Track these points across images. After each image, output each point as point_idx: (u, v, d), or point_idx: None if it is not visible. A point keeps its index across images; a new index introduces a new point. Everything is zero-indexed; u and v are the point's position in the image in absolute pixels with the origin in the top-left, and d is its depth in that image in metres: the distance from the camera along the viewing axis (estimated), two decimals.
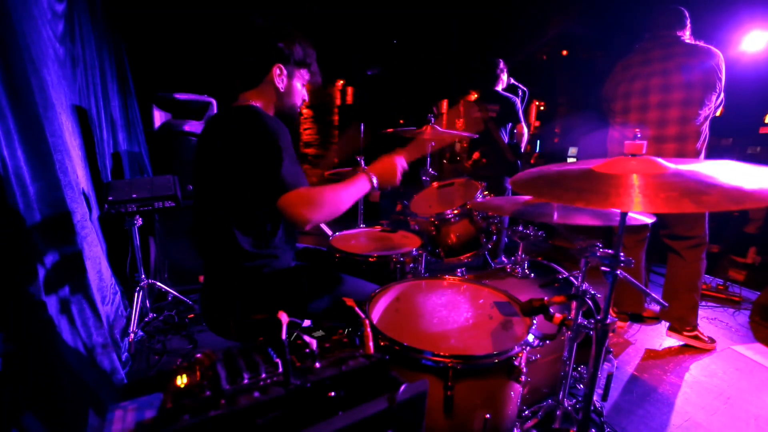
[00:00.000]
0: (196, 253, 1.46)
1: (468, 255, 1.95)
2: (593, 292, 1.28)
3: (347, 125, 7.04)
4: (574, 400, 1.53)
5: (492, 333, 1.37)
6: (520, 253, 1.88)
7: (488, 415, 1.08)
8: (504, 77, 3.42)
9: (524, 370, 1.11)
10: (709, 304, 2.93)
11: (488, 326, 1.40)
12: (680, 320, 2.37)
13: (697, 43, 2.17)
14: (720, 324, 2.67)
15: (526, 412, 1.50)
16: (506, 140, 3.38)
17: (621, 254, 1.07)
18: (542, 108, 7.58)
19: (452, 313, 1.46)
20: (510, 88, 3.51)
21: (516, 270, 1.86)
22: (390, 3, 5.13)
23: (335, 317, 1.46)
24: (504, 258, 3.00)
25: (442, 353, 1.06)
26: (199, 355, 0.72)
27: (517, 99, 3.35)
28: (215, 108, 3.23)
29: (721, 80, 2.10)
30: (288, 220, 1.22)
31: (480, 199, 1.93)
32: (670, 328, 2.43)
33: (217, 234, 1.32)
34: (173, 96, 3.06)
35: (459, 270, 1.69)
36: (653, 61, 2.22)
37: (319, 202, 1.21)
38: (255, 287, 1.36)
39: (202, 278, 1.46)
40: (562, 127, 6.69)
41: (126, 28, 3.21)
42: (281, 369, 0.71)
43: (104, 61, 2.78)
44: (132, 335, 2.16)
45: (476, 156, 3.47)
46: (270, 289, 1.37)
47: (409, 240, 2.06)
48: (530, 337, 1.16)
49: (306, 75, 1.47)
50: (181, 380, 0.66)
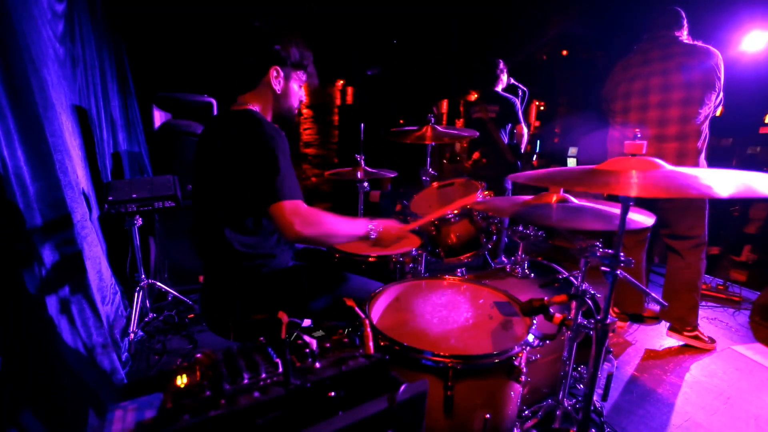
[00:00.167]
0: (196, 254, 1.46)
1: (468, 255, 1.94)
2: (593, 292, 1.28)
3: (347, 125, 7.04)
4: (574, 400, 1.53)
5: (492, 333, 1.37)
6: (520, 253, 1.88)
7: (488, 415, 1.08)
8: (504, 77, 3.42)
9: (524, 370, 1.11)
10: (709, 304, 2.92)
11: (488, 326, 1.40)
12: (680, 320, 2.37)
13: (696, 43, 2.18)
14: (720, 324, 2.67)
15: (526, 412, 1.50)
16: (506, 141, 3.38)
17: (621, 254, 1.07)
18: (542, 108, 7.58)
19: (452, 313, 1.46)
20: (510, 89, 3.51)
21: (516, 270, 1.86)
22: (390, 3, 5.13)
23: (335, 317, 1.46)
24: (504, 258, 3.00)
25: (442, 353, 1.06)
26: (199, 355, 0.72)
27: (517, 99, 3.35)
28: (215, 108, 3.23)
29: (720, 80, 2.11)
30: (278, 229, 1.22)
31: (480, 200, 1.92)
32: (671, 328, 2.43)
33: (216, 234, 1.32)
34: (173, 96, 3.06)
35: (459, 270, 1.69)
36: (653, 61, 2.23)
37: (315, 222, 1.22)
38: (254, 287, 1.36)
39: (202, 278, 1.46)
40: (562, 127, 6.69)
41: (126, 28, 3.21)
42: (281, 369, 0.71)
43: (104, 61, 2.78)
44: (132, 335, 2.16)
45: (476, 156, 3.47)
46: (269, 289, 1.37)
47: (409, 240, 2.06)
48: (530, 337, 1.16)
49: (303, 77, 1.48)
50: (181, 380, 0.66)
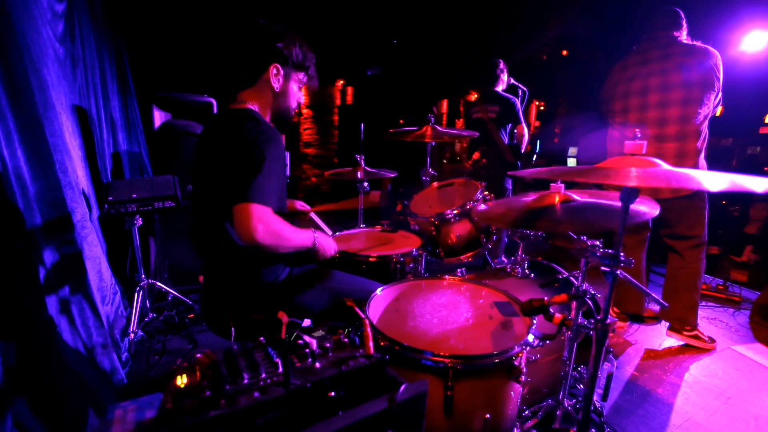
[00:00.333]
0: (196, 253, 1.46)
1: (468, 255, 1.95)
2: (593, 292, 1.28)
3: (347, 125, 7.04)
4: (574, 400, 1.53)
5: (492, 333, 1.37)
6: (520, 253, 1.88)
7: (488, 415, 1.08)
8: (504, 77, 3.42)
9: (524, 370, 1.11)
10: (709, 304, 2.93)
11: (488, 326, 1.40)
12: (680, 320, 2.37)
13: (695, 43, 2.18)
14: (720, 324, 2.67)
15: (526, 412, 1.50)
16: (506, 141, 3.38)
17: (621, 254, 1.07)
18: (542, 108, 7.58)
19: (452, 313, 1.46)
20: (510, 88, 3.51)
21: (516, 270, 1.86)
22: (390, 3, 5.13)
23: (335, 317, 1.46)
24: (504, 258, 3.00)
25: (442, 353, 1.06)
26: (199, 355, 0.72)
27: (517, 99, 3.35)
28: (215, 108, 3.23)
29: (720, 80, 2.11)
30: (236, 229, 1.14)
31: (480, 199, 1.92)
32: (670, 328, 2.43)
33: (216, 234, 1.32)
34: (173, 96, 3.06)
35: (459, 270, 1.69)
36: (652, 61, 2.23)
37: (275, 232, 1.17)
38: (253, 287, 1.36)
39: (202, 278, 1.46)
40: (562, 127, 6.69)
41: (126, 28, 3.21)
42: (281, 369, 0.71)
43: (104, 61, 2.78)
44: (132, 335, 2.16)
45: (476, 156, 3.47)
46: (268, 289, 1.37)
47: (409, 240, 2.06)
48: (530, 337, 1.16)
49: (303, 78, 1.48)
50: (181, 380, 0.66)
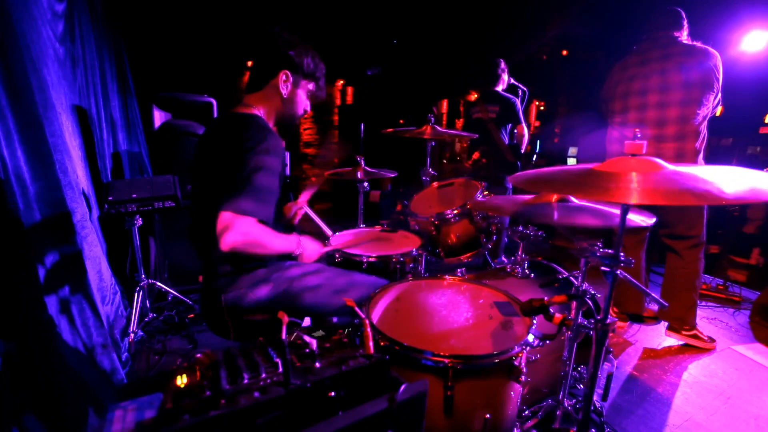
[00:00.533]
0: (196, 253, 1.46)
1: (468, 255, 1.95)
2: (593, 292, 1.28)
3: (347, 125, 7.04)
4: (574, 400, 1.53)
5: (492, 333, 1.37)
6: (520, 253, 1.88)
7: (488, 415, 1.08)
8: (504, 77, 3.42)
9: (524, 370, 1.11)
10: (709, 304, 2.92)
11: (488, 326, 1.40)
12: (679, 320, 2.37)
13: (695, 44, 2.18)
14: (720, 324, 2.67)
15: (526, 412, 1.50)
16: (506, 141, 3.38)
17: (621, 254, 1.07)
18: (542, 108, 7.58)
19: (452, 313, 1.46)
20: (510, 88, 3.51)
21: (516, 270, 1.86)
22: (390, 3, 5.13)
23: (335, 314, 1.47)
24: (504, 258, 3.00)
25: (442, 353, 1.06)
26: (199, 355, 0.72)
27: (518, 99, 3.35)
28: (215, 108, 3.23)
29: (719, 80, 2.11)
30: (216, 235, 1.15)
31: (480, 199, 1.93)
32: (669, 328, 2.43)
33: (214, 234, 1.32)
34: (173, 96, 3.06)
35: (459, 270, 1.69)
36: (651, 62, 2.23)
37: (244, 233, 1.15)
38: (252, 287, 1.35)
39: (202, 278, 1.46)
40: (562, 127, 6.69)
41: (126, 28, 3.21)
42: (281, 369, 0.71)
43: (104, 61, 2.78)
44: (132, 335, 2.16)
45: (476, 156, 3.47)
46: (266, 289, 1.37)
47: (409, 240, 2.06)
48: (530, 337, 1.16)
49: (312, 88, 1.49)
50: (181, 380, 0.66)
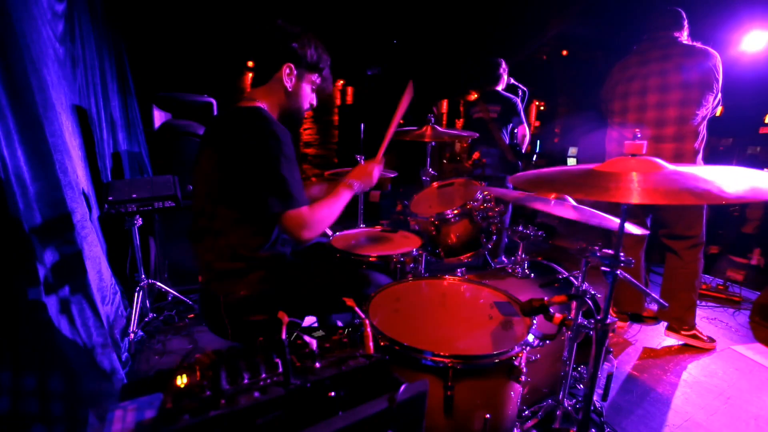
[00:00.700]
0: (195, 254, 1.46)
1: (468, 255, 1.95)
2: (593, 292, 1.28)
3: (347, 125, 7.04)
4: (574, 400, 1.53)
5: (492, 333, 1.37)
6: (520, 253, 1.88)
7: (488, 415, 1.08)
8: (504, 77, 3.42)
9: (524, 370, 1.11)
10: (709, 304, 2.93)
11: (488, 326, 1.40)
12: (678, 320, 2.37)
13: (695, 44, 2.18)
14: (720, 324, 2.67)
15: (526, 412, 1.50)
16: (507, 141, 3.38)
17: (621, 254, 1.07)
18: (542, 108, 7.59)
19: (452, 313, 1.46)
20: (510, 88, 3.51)
21: (516, 270, 1.86)
22: (390, 3, 5.13)
23: (333, 311, 1.48)
24: (504, 258, 3.00)
25: (442, 353, 1.06)
26: (199, 355, 0.72)
27: (518, 99, 3.35)
28: (215, 108, 3.23)
29: (719, 81, 2.11)
30: (287, 234, 1.30)
31: (480, 200, 1.92)
32: (669, 328, 2.43)
33: (213, 234, 1.32)
34: (173, 96, 3.06)
35: (459, 270, 1.69)
36: (651, 62, 2.23)
37: (317, 222, 1.31)
38: (252, 287, 1.36)
39: (201, 278, 1.45)
40: (562, 127, 6.70)
41: (126, 28, 3.21)
42: (281, 369, 0.71)
43: (104, 61, 2.78)
44: (132, 335, 2.16)
45: (476, 156, 3.47)
46: (266, 289, 1.37)
47: (409, 240, 2.06)
48: (530, 337, 1.16)
49: (317, 80, 1.49)
50: (181, 380, 0.66)
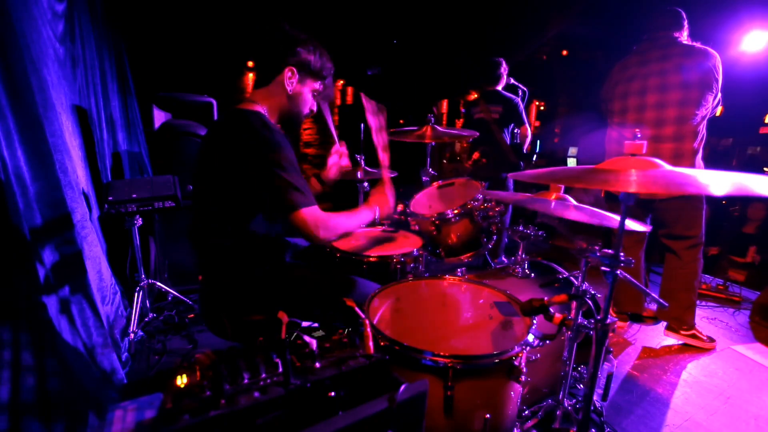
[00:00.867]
0: (195, 254, 1.46)
1: (468, 255, 1.95)
2: (593, 292, 1.28)
3: (347, 125, 7.04)
4: (574, 400, 1.53)
5: (492, 333, 1.37)
6: (520, 253, 1.88)
7: (488, 415, 1.08)
8: (504, 77, 3.42)
9: (524, 370, 1.11)
10: (709, 304, 2.93)
11: (488, 326, 1.40)
12: (677, 320, 2.38)
13: (695, 44, 2.18)
14: (720, 324, 2.67)
15: (526, 412, 1.50)
16: (508, 141, 3.38)
17: (621, 254, 1.07)
18: (542, 108, 7.59)
19: (452, 313, 1.46)
20: (510, 88, 3.50)
21: (516, 270, 1.86)
22: (390, 3, 5.13)
23: (334, 317, 1.47)
24: (504, 258, 3.00)
25: (442, 353, 1.06)
26: (199, 355, 0.72)
27: (520, 100, 3.35)
28: (215, 108, 3.23)
29: (718, 81, 2.11)
30: (301, 235, 1.31)
31: (480, 199, 1.92)
32: (668, 328, 2.43)
33: (215, 235, 1.32)
34: (173, 96, 3.06)
35: (459, 270, 1.69)
36: (651, 62, 2.23)
37: (333, 227, 1.34)
38: (251, 288, 1.36)
39: (201, 278, 1.45)
40: (562, 127, 6.70)
41: (126, 28, 3.20)
42: (281, 369, 0.71)
43: (104, 61, 2.78)
44: (132, 335, 2.16)
45: (476, 156, 3.47)
46: (266, 290, 1.37)
47: (410, 240, 2.06)
48: (530, 337, 1.16)
49: (319, 87, 1.49)
50: (181, 380, 0.66)
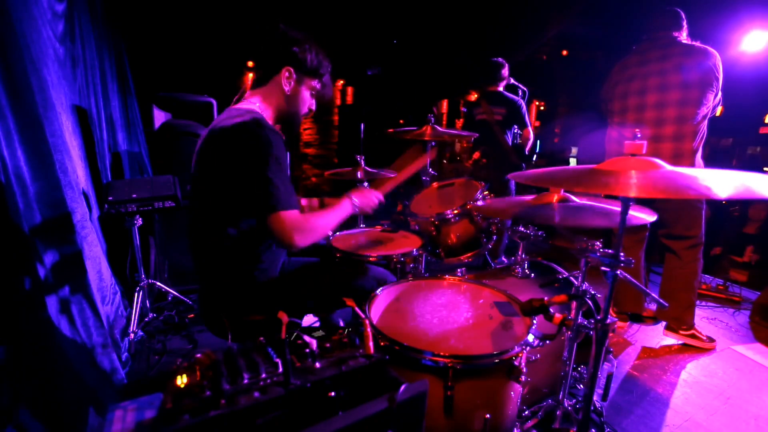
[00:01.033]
0: (193, 254, 1.46)
1: (468, 255, 1.95)
2: (593, 292, 1.28)
3: (347, 125, 7.04)
4: (574, 400, 1.53)
5: (492, 333, 1.37)
6: (520, 253, 1.88)
7: (488, 415, 1.08)
8: (506, 78, 3.42)
9: (524, 370, 1.11)
10: (709, 304, 2.92)
11: (488, 326, 1.40)
12: (677, 320, 2.38)
13: (694, 44, 2.17)
14: (720, 324, 2.67)
15: (526, 412, 1.50)
16: (510, 142, 3.37)
17: (621, 254, 1.07)
18: (542, 108, 7.59)
19: (452, 313, 1.46)
20: (510, 88, 3.50)
21: (516, 270, 1.86)
22: (390, 3, 5.13)
23: (331, 310, 1.48)
24: (504, 258, 3.00)
25: (442, 353, 1.06)
26: (199, 355, 0.72)
27: (522, 102, 3.34)
28: (215, 108, 3.23)
29: (719, 80, 2.11)
30: (276, 240, 1.27)
31: (480, 200, 1.92)
32: (667, 327, 2.43)
33: (212, 235, 1.32)
34: (173, 96, 3.06)
35: (459, 270, 1.69)
36: (650, 62, 2.23)
37: (310, 229, 1.27)
38: (249, 288, 1.36)
39: (200, 278, 1.45)
40: (562, 127, 6.70)
41: (126, 28, 3.21)
42: (281, 369, 0.71)
43: (104, 61, 2.78)
44: (132, 335, 2.16)
45: (476, 156, 3.46)
46: (265, 290, 1.37)
47: (410, 240, 2.06)
48: (530, 337, 1.16)
49: (317, 85, 1.48)
50: (181, 380, 0.66)
